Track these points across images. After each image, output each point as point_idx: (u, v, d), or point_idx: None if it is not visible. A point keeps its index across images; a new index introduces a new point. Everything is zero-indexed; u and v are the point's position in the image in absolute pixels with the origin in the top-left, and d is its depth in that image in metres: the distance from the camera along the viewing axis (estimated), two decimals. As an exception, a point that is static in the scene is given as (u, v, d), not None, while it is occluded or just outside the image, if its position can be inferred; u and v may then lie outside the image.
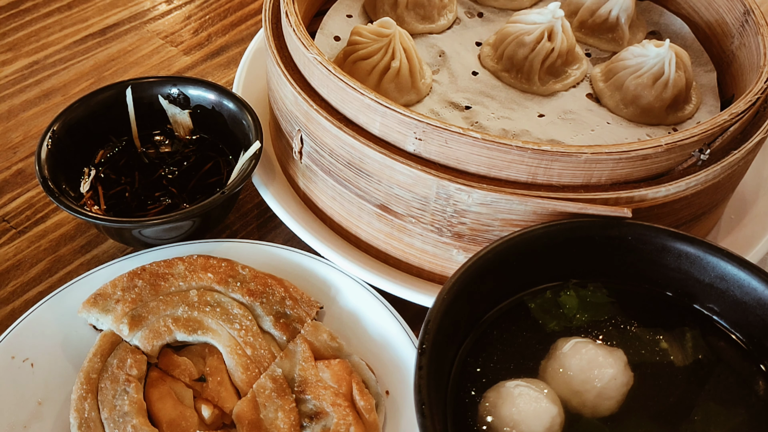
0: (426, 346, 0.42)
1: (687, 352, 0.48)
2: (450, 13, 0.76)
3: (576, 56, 0.71)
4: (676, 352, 0.48)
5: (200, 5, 1.03)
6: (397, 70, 0.65)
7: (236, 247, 0.63)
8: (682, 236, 0.50)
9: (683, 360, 0.48)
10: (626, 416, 0.45)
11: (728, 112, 0.55)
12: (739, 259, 0.49)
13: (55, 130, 0.65)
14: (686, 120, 0.67)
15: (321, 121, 0.58)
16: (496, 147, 0.51)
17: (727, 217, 0.68)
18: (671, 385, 0.46)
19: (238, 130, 0.69)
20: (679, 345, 0.48)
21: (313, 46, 0.59)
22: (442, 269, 0.60)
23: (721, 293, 0.49)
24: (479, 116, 0.66)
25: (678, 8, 0.78)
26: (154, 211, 0.66)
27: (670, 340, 0.49)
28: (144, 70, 0.91)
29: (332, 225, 0.65)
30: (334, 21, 0.75)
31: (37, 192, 0.75)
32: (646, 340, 0.49)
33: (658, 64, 0.65)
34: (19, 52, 0.92)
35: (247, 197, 0.74)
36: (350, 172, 0.58)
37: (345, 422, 0.52)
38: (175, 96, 0.71)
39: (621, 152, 0.52)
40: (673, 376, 0.47)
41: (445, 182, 0.53)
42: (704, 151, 0.54)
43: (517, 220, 0.54)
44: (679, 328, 0.49)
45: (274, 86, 0.65)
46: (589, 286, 0.52)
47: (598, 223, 0.51)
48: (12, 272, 0.67)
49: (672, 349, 0.48)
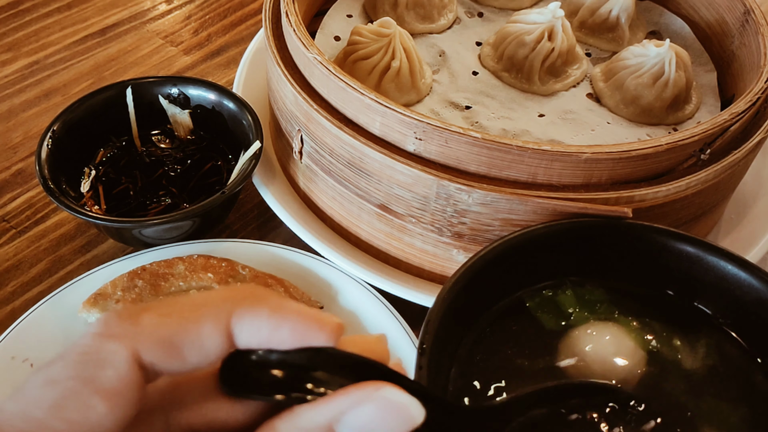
0: (426, 346, 0.42)
1: (687, 350, 0.48)
2: (450, 13, 0.76)
3: (576, 56, 0.71)
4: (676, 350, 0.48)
5: (200, 5, 1.03)
6: (397, 69, 0.65)
7: (236, 247, 0.63)
8: (682, 236, 0.50)
9: (685, 358, 0.48)
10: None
11: (728, 112, 0.55)
12: (739, 259, 0.49)
13: (55, 130, 0.65)
14: (686, 120, 0.67)
15: (321, 121, 0.58)
16: (496, 147, 0.51)
17: (727, 217, 0.68)
18: (671, 379, 0.46)
19: (238, 130, 0.69)
20: (681, 343, 0.48)
21: (313, 46, 0.59)
22: (442, 269, 0.60)
23: (721, 293, 0.49)
24: (479, 116, 0.66)
25: (678, 8, 0.78)
26: (154, 211, 0.66)
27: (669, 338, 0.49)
28: (144, 70, 0.91)
29: (332, 225, 0.65)
30: (334, 21, 0.75)
31: (37, 192, 0.75)
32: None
33: (658, 64, 0.65)
34: (19, 52, 0.92)
35: (247, 197, 0.74)
36: (350, 172, 0.58)
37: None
38: (175, 96, 0.71)
39: (621, 152, 0.52)
40: (673, 370, 0.47)
41: (445, 182, 0.53)
42: (704, 151, 0.54)
43: (517, 220, 0.54)
44: (681, 327, 0.49)
45: (274, 86, 0.65)
46: (587, 285, 0.52)
47: (598, 223, 0.51)
48: (12, 272, 0.67)
49: (671, 346, 0.48)
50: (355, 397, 0.25)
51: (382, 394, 0.26)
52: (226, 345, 0.26)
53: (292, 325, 0.26)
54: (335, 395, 0.26)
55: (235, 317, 0.26)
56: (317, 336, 0.27)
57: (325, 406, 0.25)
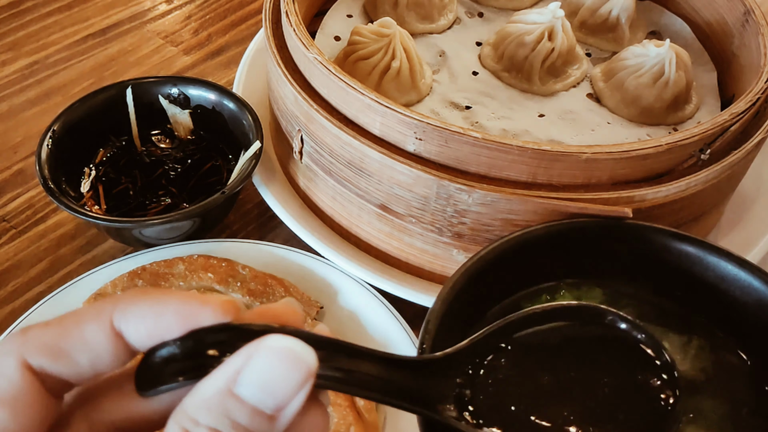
0: (426, 346, 0.42)
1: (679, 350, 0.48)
2: (450, 13, 0.76)
3: (576, 56, 0.71)
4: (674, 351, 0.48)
5: (200, 5, 1.03)
6: (397, 70, 0.65)
7: (236, 247, 0.63)
8: (682, 236, 0.50)
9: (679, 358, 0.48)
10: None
11: (728, 112, 0.55)
12: (739, 259, 0.48)
13: (55, 130, 0.65)
14: (686, 120, 0.67)
15: (321, 121, 0.58)
16: (497, 147, 0.51)
17: (727, 217, 0.68)
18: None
19: (238, 130, 0.69)
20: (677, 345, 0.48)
21: (313, 46, 0.59)
22: (442, 269, 0.60)
23: (721, 293, 0.49)
24: (479, 116, 0.66)
25: (678, 8, 0.78)
26: (153, 211, 0.66)
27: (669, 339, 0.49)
28: (144, 70, 0.91)
29: (332, 225, 0.65)
30: (334, 21, 0.75)
31: (37, 192, 0.74)
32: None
33: (658, 64, 0.65)
34: (19, 52, 0.92)
35: (247, 197, 0.74)
36: (350, 172, 0.58)
37: (345, 422, 0.52)
38: (176, 96, 0.71)
39: (621, 152, 0.52)
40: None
41: (445, 182, 0.53)
42: (704, 151, 0.54)
43: (517, 220, 0.54)
44: (675, 329, 0.49)
45: (274, 86, 0.65)
46: (583, 286, 0.52)
47: (598, 223, 0.51)
48: (12, 272, 0.67)
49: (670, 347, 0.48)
50: (244, 355, 0.26)
51: (266, 344, 0.26)
52: (114, 343, 0.27)
53: (175, 309, 0.27)
54: (228, 359, 0.26)
55: (116, 314, 0.27)
56: (203, 314, 0.27)
57: (219, 371, 0.26)
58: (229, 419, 0.25)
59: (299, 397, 0.26)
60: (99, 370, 0.28)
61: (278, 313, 0.29)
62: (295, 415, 0.26)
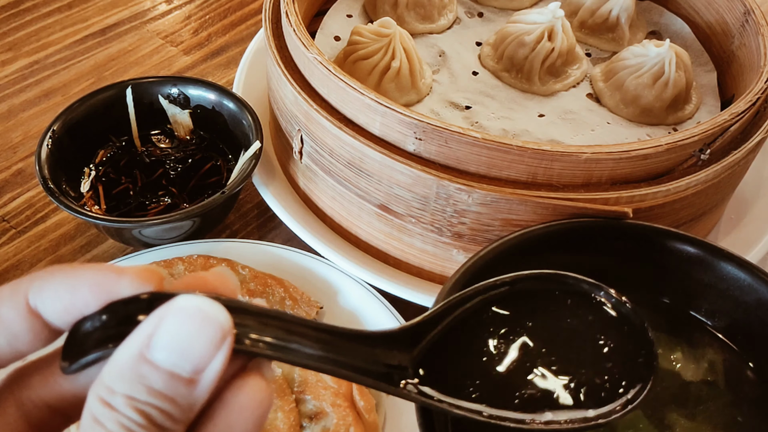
0: (426, 346, 0.42)
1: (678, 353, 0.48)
2: (450, 13, 0.77)
3: (576, 56, 0.71)
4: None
5: (200, 5, 1.03)
6: (397, 70, 0.65)
7: (236, 247, 0.63)
8: (682, 236, 0.50)
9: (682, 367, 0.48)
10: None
11: (728, 112, 0.55)
12: (739, 259, 0.49)
13: (55, 130, 0.65)
14: (686, 120, 0.67)
15: (321, 121, 0.58)
16: (496, 147, 0.51)
17: (727, 217, 0.68)
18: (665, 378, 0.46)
19: (238, 130, 0.69)
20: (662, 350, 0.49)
21: (313, 46, 0.59)
22: (442, 269, 0.60)
23: (721, 294, 0.49)
24: (479, 116, 0.66)
25: (678, 8, 0.78)
26: (153, 211, 0.66)
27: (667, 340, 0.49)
28: (144, 70, 0.91)
29: (332, 225, 0.65)
30: (334, 21, 0.75)
31: (37, 192, 0.75)
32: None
33: (658, 64, 0.65)
34: (19, 52, 0.92)
35: (247, 197, 0.74)
36: (350, 172, 0.58)
37: (345, 422, 0.52)
38: (175, 96, 0.71)
39: (621, 152, 0.52)
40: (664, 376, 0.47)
41: (445, 182, 0.53)
42: (704, 151, 0.54)
43: (517, 220, 0.54)
44: (672, 330, 0.49)
45: (274, 86, 0.65)
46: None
47: (598, 223, 0.51)
48: (12, 272, 0.67)
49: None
50: (155, 318, 0.25)
51: (177, 305, 0.25)
52: (30, 321, 0.27)
53: (90, 281, 0.26)
54: (140, 324, 0.25)
55: (31, 292, 0.27)
56: (120, 284, 0.27)
57: (131, 337, 0.25)
58: (144, 385, 0.24)
59: (218, 359, 0.25)
60: (18, 349, 0.27)
61: (208, 281, 0.28)
62: (216, 379, 0.25)
